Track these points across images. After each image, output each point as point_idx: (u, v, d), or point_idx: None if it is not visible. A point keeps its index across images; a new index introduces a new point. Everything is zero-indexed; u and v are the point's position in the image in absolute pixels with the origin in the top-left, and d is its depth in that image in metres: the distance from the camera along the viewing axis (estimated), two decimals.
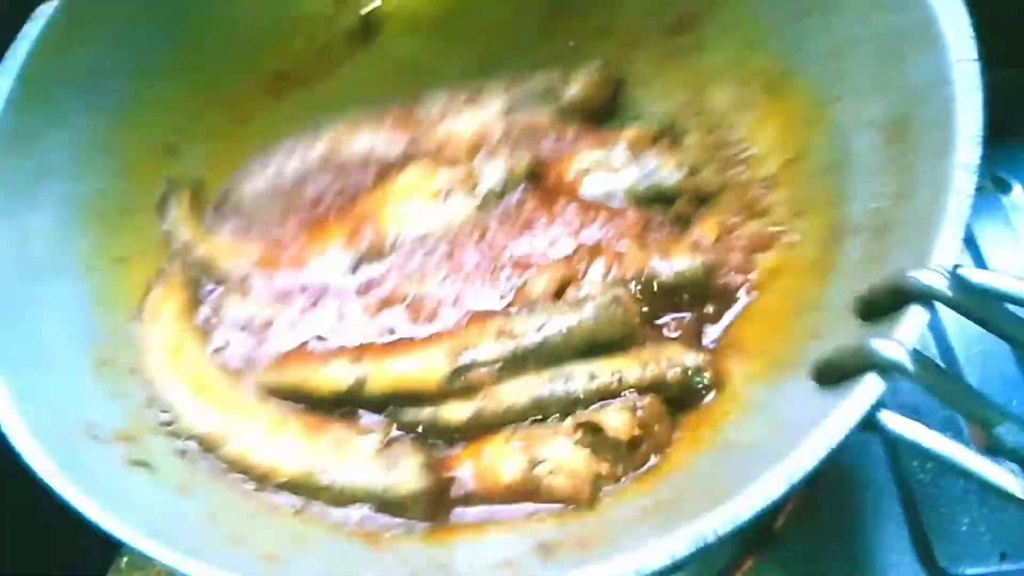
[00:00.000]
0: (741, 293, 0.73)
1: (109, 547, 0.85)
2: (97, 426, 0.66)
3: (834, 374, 0.54)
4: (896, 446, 0.83)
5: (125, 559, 0.88)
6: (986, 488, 0.47)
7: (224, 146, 0.92)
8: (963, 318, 0.51)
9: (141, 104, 0.85)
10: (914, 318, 0.51)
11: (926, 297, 0.50)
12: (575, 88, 0.88)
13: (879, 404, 0.50)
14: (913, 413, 0.50)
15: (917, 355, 0.49)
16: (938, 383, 0.48)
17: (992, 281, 0.50)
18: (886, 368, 0.49)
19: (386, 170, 0.88)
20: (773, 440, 0.56)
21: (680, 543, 0.48)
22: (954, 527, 0.81)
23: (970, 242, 0.95)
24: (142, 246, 0.83)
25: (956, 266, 0.51)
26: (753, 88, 0.83)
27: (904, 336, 0.50)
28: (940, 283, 0.50)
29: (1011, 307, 0.50)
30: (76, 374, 0.70)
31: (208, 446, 0.71)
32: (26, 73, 0.75)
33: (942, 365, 0.50)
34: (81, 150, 0.81)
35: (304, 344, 0.77)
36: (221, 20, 0.89)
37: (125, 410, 0.70)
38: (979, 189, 0.55)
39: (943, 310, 0.51)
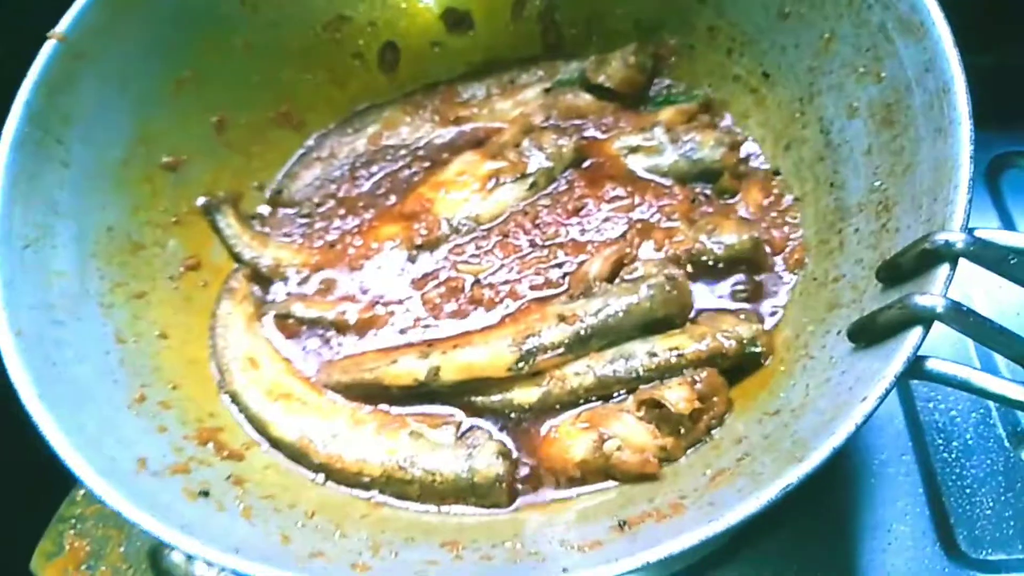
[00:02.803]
0: (782, 267, 0.79)
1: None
2: (151, 460, 0.65)
3: (872, 332, 0.60)
4: (918, 422, 0.82)
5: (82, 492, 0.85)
6: None
7: (226, 161, 0.93)
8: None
9: (145, 135, 0.85)
10: (943, 274, 0.56)
11: (952, 256, 0.56)
12: (611, 71, 0.91)
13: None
14: None
15: (955, 304, 0.54)
16: (978, 327, 0.54)
17: (1006, 239, 0.57)
18: (929, 319, 0.54)
19: (434, 161, 0.92)
20: (823, 399, 0.61)
21: (756, 503, 0.52)
22: (978, 510, 0.76)
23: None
24: (156, 281, 0.82)
25: (972, 228, 0.58)
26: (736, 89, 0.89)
27: (937, 290, 0.56)
28: (964, 242, 0.55)
29: None
30: (117, 412, 0.69)
31: (297, 453, 0.73)
32: (33, 113, 0.74)
33: (975, 311, 0.55)
34: (87, 188, 0.79)
35: (373, 341, 0.80)
36: (225, 50, 0.89)
37: (171, 445, 0.69)
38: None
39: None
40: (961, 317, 0.54)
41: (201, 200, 0.89)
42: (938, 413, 0.81)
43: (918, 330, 0.54)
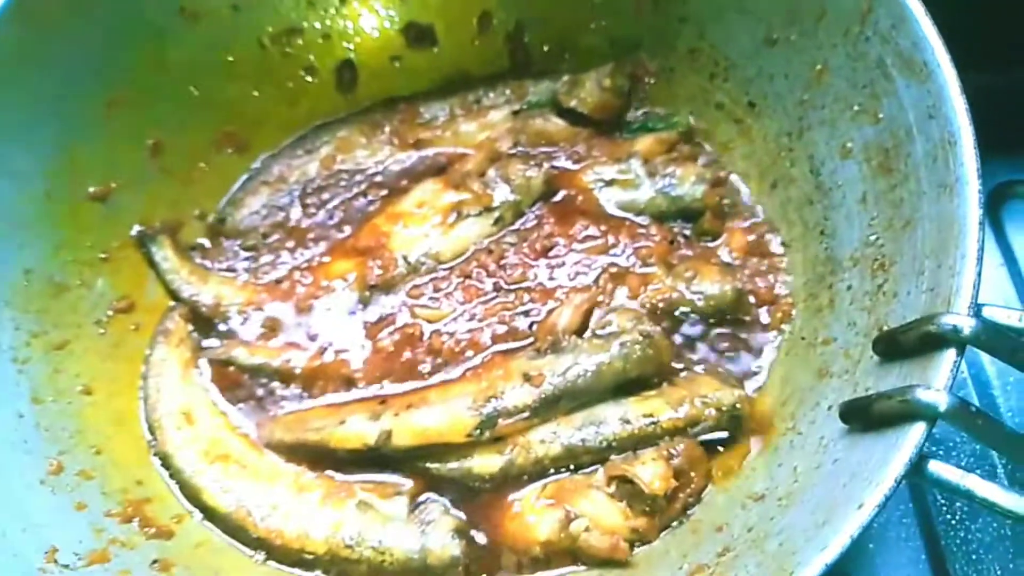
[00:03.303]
0: (768, 322, 0.72)
1: None
2: (64, 550, 0.58)
3: (867, 419, 0.54)
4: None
5: None
6: None
7: (162, 189, 0.84)
8: None
9: (71, 163, 0.76)
10: (947, 363, 0.50)
11: (959, 343, 0.50)
12: (585, 94, 0.83)
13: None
14: None
15: (961, 403, 0.48)
16: (986, 431, 0.48)
17: (1021, 321, 0.50)
18: (931, 417, 0.48)
19: (392, 188, 0.83)
20: (813, 491, 0.55)
21: None
22: None
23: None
24: (80, 328, 0.74)
25: (979, 306, 0.52)
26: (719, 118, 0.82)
27: (942, 383, 0.49)
28: (972, 328, 0.49)
29: None
30: (28, 490, 0.62)
31: (234, 526, 0.66)
32: None
33: (983, 411, 0.49)
34: (2, 227, 0.71)
35: (320, 396, 0.72)
36: (161, 66, 0.81)
37: (90, 525, 0.62)
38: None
39: None
40: (968, 418, 0.48)
41: (135, 230, 0.80)
42: None
43: (920, 428, 0.49)
